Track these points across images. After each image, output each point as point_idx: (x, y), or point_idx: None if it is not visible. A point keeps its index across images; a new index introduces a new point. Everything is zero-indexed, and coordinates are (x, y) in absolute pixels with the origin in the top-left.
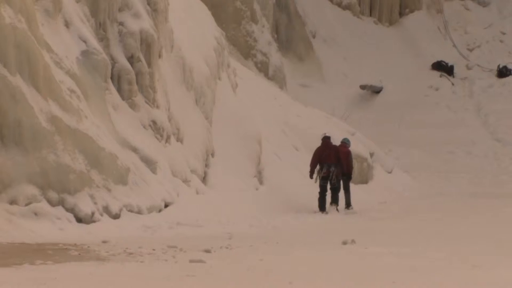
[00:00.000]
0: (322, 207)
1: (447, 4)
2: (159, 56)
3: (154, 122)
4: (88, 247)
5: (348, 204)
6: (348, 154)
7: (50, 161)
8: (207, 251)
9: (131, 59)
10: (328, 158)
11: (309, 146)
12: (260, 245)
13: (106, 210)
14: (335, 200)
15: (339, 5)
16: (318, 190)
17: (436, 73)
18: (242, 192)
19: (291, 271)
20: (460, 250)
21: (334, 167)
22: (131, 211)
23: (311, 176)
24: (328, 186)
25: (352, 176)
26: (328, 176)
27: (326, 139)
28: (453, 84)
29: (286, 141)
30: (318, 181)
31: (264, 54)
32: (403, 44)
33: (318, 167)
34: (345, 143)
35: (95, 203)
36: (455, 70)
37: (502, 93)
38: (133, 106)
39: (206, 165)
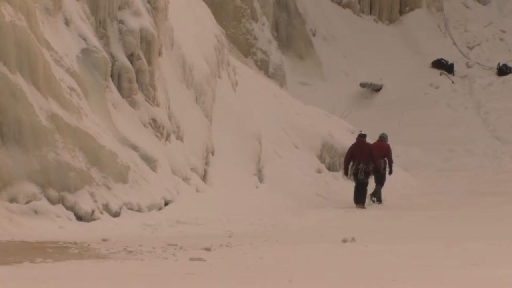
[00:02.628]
0: (356, 201)
1: (447, 2)
2: (159, 54)
3: (154, 120)
4: (88, 245)
5: (378, 198)
6: (388, 149)
7: (50, 159)
8: (207, 249)
9: (131, 57)
10: (360, 156)
11: (309, 144)
12: (260, 243)
13: (106, 208)
14: (364, 196)
15: (339, 3)
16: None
17: (436, 71)
18: (242, 190)
19: (291, 269)
20: (460, 248)
21: (363, 165)
22: (131, 209)
23: (345, 173)
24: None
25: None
26: (356, 173)
27: (359, 137)
28: (453, 82)
29: (286, 139)
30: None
31: (264, 52)
32: (403, 42)
33: (351, 163)
34: (383, 137)
35: (95, 201)
36: (455, 68)
37: (502, 91)
38: (133, 104)
39: (206, 163)
